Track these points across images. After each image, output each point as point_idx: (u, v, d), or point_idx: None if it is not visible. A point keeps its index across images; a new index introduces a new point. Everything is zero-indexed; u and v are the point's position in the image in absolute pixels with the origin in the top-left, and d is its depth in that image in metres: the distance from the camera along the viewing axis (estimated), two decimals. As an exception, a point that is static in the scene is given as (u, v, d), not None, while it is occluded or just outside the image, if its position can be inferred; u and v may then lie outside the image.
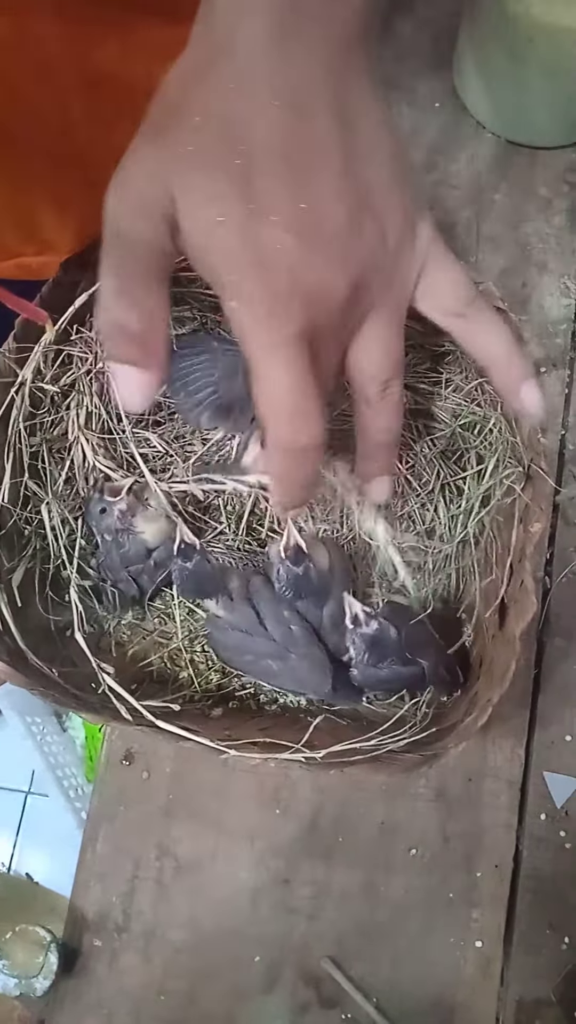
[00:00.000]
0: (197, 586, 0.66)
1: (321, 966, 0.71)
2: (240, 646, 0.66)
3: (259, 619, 0.65)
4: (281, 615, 0.66)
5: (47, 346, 0.62)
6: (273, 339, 0.36)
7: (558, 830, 0.72)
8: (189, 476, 0.70)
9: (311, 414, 0.37)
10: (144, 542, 0.67)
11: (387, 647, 0.64)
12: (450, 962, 0.70)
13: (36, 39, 0.60)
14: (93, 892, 0.74)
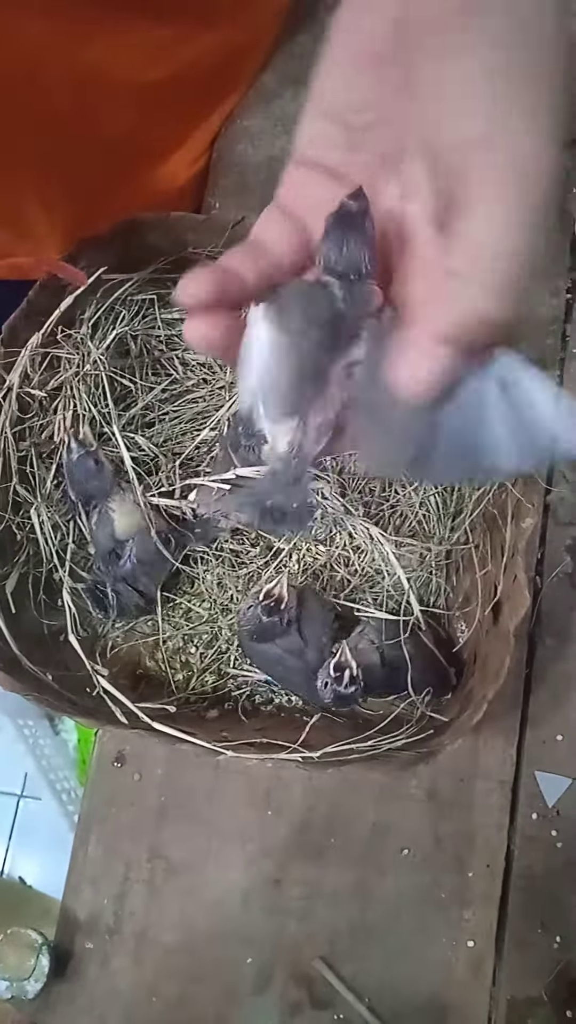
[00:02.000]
0: (262, 636, 0.66)
1: (313, 966, 0.71)
2: (275, 658, 0.66)
3: (304, 644, 0.65)
4: (321, 641, 0.66)
5: (34, 350, 0.62)
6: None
7: (549, 829, 0.72)
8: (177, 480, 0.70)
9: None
10: (113, 528, 0.67)
11: (374, 683, 0.66)
12: (442, 961, 0.70)
13: (23, 39, 0.60)
14: (85, 894, 0.74)
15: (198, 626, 0.73)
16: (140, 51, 0.69)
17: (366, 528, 0.70)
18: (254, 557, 0.73)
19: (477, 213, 0.31)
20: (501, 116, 0.31)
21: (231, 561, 0.74)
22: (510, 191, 0.31)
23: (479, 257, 0.31)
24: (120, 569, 0.68)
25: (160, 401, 0.74)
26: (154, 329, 0.73)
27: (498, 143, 0.31)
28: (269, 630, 0.64)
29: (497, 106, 0.31)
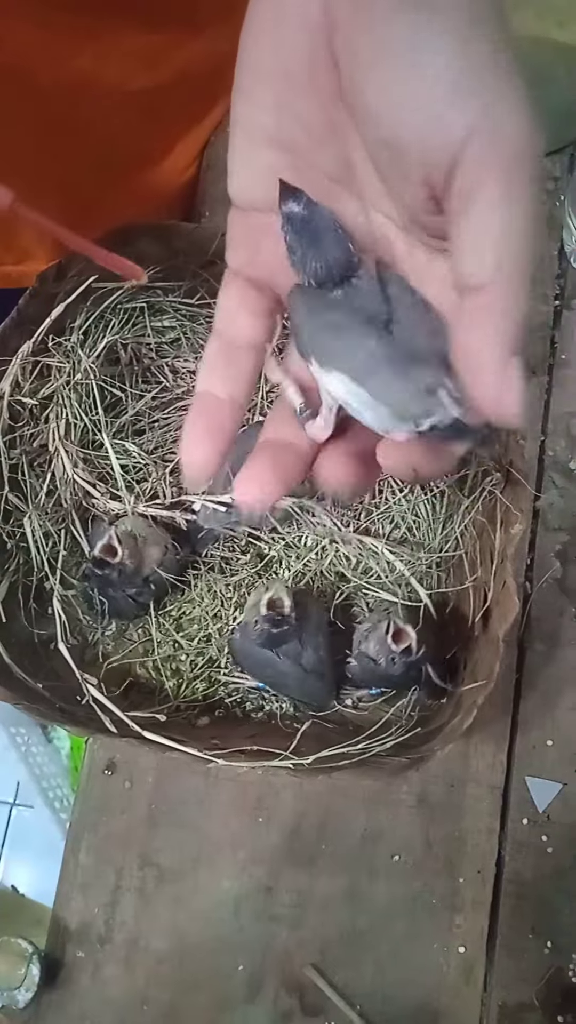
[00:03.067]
0: (275, 643, 0.66)
1: (304, 974, 0.71)
2: (266, 662, 0.67)
3: (301, 648, 0.66)
4: (316, 638, 0.66)
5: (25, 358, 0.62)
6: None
7: (540, 835, 0.72)
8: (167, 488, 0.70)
9: None
10: (140, 572, 0.68)
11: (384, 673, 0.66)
12: (433, 967, 0.70)
13: (13, 46, 0.60)
14: (75, 903, 0.74)
15: (189, 631, 0.73)
16: (130, 58, 0.69)
17: (359, 541, 0.70)
18: (244, 565, 0.73)
19: (473, 213, 0.28)
20: (464, 98, 0.28)
21: (221, 568, 0.74)
22: (499, 182, 0.28)
23: (493, 262, 0.28)
24: (131, 591, 0.69)
25: (150, 408, 0.74)
26: (144, 337, 0.73)
27: (464, 126, 0.28)
28: (278, 638, 0.64)
29: (458, 88, 0.28)
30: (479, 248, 0.28)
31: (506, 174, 0.27)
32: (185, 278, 0.71)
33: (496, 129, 0.27)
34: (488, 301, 0.28)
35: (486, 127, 0.27)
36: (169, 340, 0.74)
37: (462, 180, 0.28)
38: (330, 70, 0.31)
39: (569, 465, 0.80)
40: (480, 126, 0.27)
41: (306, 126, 0.32)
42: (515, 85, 0.28)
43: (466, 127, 0.27)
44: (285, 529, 0.73)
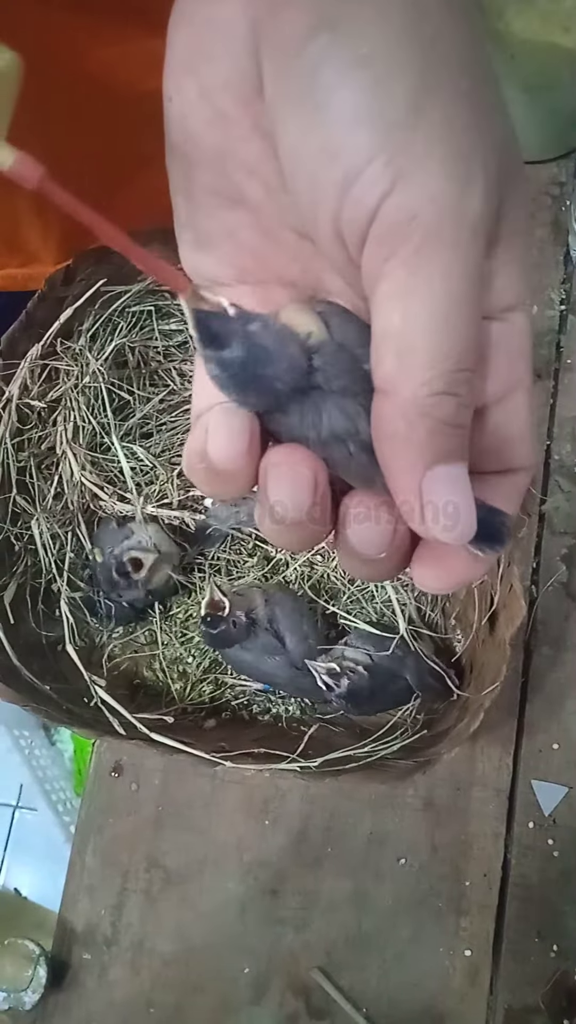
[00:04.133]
0: (219, 644, 0.67)
1: (310, 976, 0.71)
2: (251, 663, 0.67)
3: (281, 643, 0.66)
4: (301, 629, 0.67)
5: (33, 362, 0.62)
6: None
7: (546, 838, 0.72)
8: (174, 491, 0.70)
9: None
10: (147, 589, 0.69)
11: (363, 694, 0.66)
12: (439, 971, 0.70)
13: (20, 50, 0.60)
14: (82, 905, 0.74)
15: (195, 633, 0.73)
16: (138, 61, 0.69)
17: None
18: (251, 568, 0.73)
19: (376, 301, 0.24)
20: (373, 153, 0.22)
21: (228, 570, 0.74)
22: (406, 266, 0.23)
23: (393, 363, 0.24)
24: (128, 593, 0.69)
25: (158, 412, 0.74)
26: (152, 340, 0.73)
27: (374, 192, 0.23)
28: (224, 638, 0.64)
29: (365, 141, 0.23)
30: (378, 346, 0.24)
31: (417, 256, 0.23)
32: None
33: (405, 204, 0.22)
34: (392, 408, 0.24)
35: (396, 200, 0.23)
36: (176, 343, 0.75)
37: (368, 258, 0.24)
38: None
39: (575, 469, 0.80)
40: (392, 195, 0.23)
41: (257, 175, 0.27)
42: (442, 139, 0.23)
43: (377, 193, 0.23)
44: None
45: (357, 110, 0.23)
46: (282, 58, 0.24)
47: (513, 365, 0.27)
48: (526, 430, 0.28)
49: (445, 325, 0.23)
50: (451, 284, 0.23)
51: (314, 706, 0.72)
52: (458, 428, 0.25)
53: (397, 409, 0.24)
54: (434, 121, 0.23)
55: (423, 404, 0.24)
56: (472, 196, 0.23)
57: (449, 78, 0.23)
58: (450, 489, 0.25)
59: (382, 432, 0.25)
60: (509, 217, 0.25)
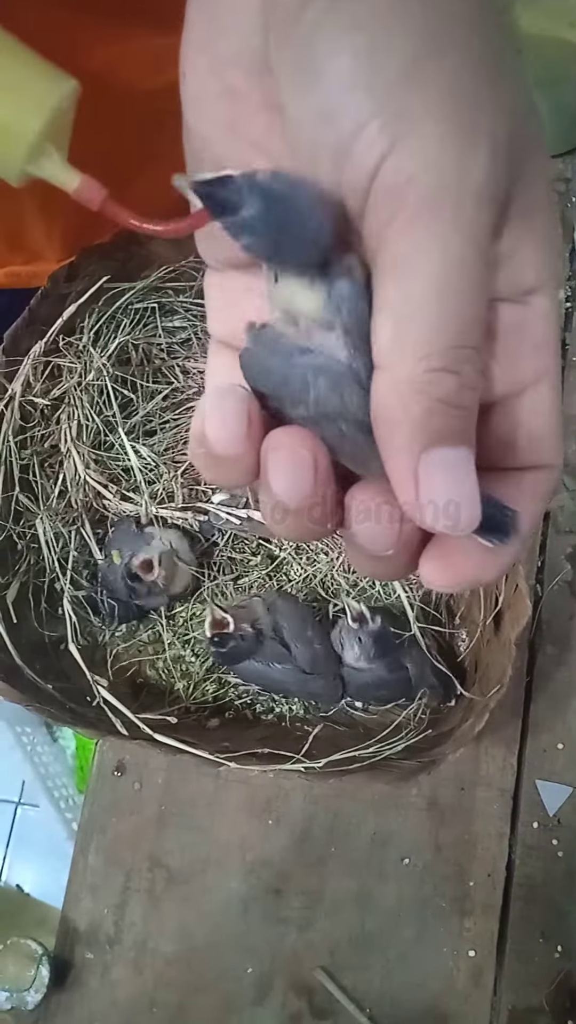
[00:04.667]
0: (230, 661, 0.66)
1: (313, 976, 0.71)
2: (259, 673, 0.67)
3: (288, 651, 0.65)
4: (306, 635, 0.66)
5: (36, 359, 0.62)
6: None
7: (550, 838, 0.72)
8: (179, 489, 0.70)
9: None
10: (169, 595, 0.68)
11: (389, 643, 0.66)
12: (443, 971, 0.70)
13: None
14: (84, 904, 0.74)
15: (198, 632, 0.73)
16: (140, 60, 0.68)
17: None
18: (255, 566, 0.73)
19: (376, 273, 0.23)
20: (367, 119, 0.22)
21: (232, 569, 0.74)
22: (401, 239, 0.22)
23: (388, 339, 0.23)
24: (151, 600, 0.69)
25: (161, 409, 0.74)
26: (155, 337, 0.73)
27: (372, 155, 0.22)
28: (236, 654, 0.64)
29: (361, 106, 0.22)
30: (376, 319, 0.23)
31: (413, 223, 0.22)
32: (196, 279, 0.71)
33: (402, 167, 0.21)
34: (388, 385, 0.23)
35: (390, 170, 0.21)
36: (180, 340, 0.74)
37: (367, 225, 0.23)
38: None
39: (580, 467, 0.80)
40: (389, 158, 0.21)
41: (264, 149, 0.26)
42: (443, 101, 0.22)
43: (374, 157, 0.22)
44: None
45: (353, 74, 0.22)
46: (283, 26, 0.23)
47: (536, 353, 0.26)
48: (552, 425, 0.26)
49: (443, 296, 0.22)
50: (449, 253, 0.22)
51: (318, 706, 0.72)
52: (459, 409, 0.23)
53: (392, 386, 0.23)
54: (434, 82, 0.21)
55: (419, 381, 0.23)
56: (474, 160, 0.21)
57: (452, 39, 0.22)
58: (449, 474, 0.23)
59: (377, 411, 0.24)
60: (526, 191, 0.23)
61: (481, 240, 0.22)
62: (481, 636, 0.67)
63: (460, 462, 0.23)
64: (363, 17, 0.22)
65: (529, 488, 0.27)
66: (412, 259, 0.22)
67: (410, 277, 0.22)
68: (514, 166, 0.23)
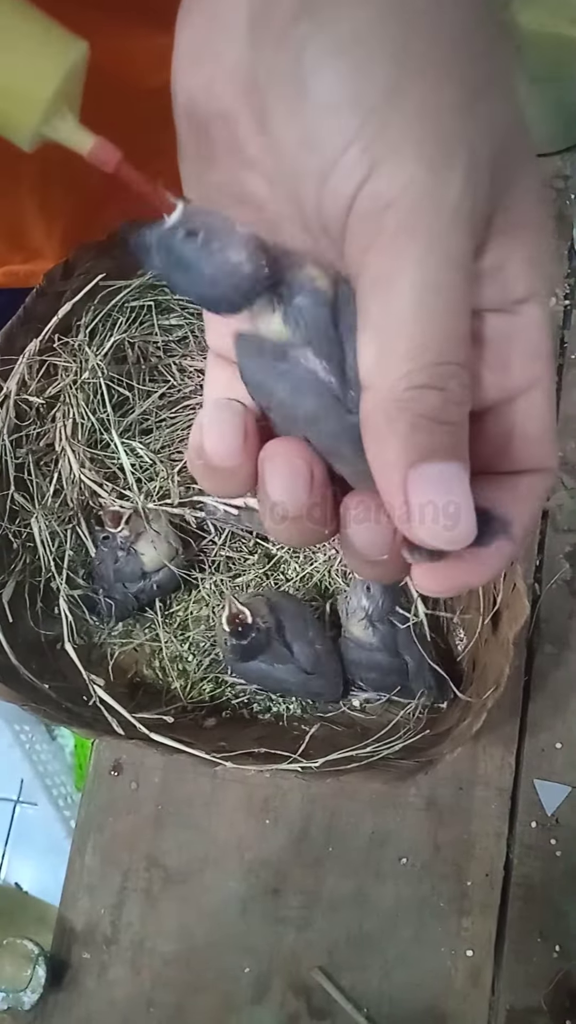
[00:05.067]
0: (250, 655, 0.65)
1: (311, 976, 0.71)
2: (263, 673, 0.66)
3: (290, 650, 0.65)
4: (307, 635, 0.66)
5: (31, 357, 0.61)
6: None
7: (549, 838, 0.72)
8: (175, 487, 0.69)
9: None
10: (141, 564, 0.67)
11: (397, 610, 0.66)
12: (441, 971, 0.70)
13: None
14: (81, 904, 0.73)
15: (195, 632, 0.73)
16: (141, 58, 0.68)
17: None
18: (252, 565, 0.73)
19: (358, 295, 0.24)
20: (349, 142, 0.22)
21: (228, 567, 0.74)
22: (382, 259, 0.22)
23: (371, 360, 0.23)
24: (134, 588, 0.69)
25: (157, 408, 0.73)
26: (151, 335, 0.72)
27: (351, 180, 0.22)
28: (253, 648, 0.63)
29: (343, 128, 0.22)
30: (360, 339, 0.24)
31: (392, 245, 0.22)
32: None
33: (380, 192, 0.22)
34: (373, 403, 0.24)
35: (371, 188, 0.22)
36: (177, 338, 0.74)
37: (348, 249, 0.23)
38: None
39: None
40: (367, 183, 0.22)
41: (257, 167, 0.26)
42: (422, 124, 0.22)
43: (353, 182, 0.22)
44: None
45: (336, 97, 0.22)
46: (269, 49, 0.23)
47: (529, 361, 0.26)
48: (545, 431, 0.27)
49: (423, 315, 0.22)
50: (427, 273, 0.22)
51: (316, 705, 0.72)
52: (446, 425, 0.23)
53: (377, 404, 0.23)
54: (414, 106, 0.22)
55: (402, 398, 0.23)
56: (450, 181, 0.22)
57: (435, 55, 0.22)
58: (437, 488, 0.23)
59: (366, 428, 0.24)
60: (512, 205, 0.24)
61: (459, 258, 0.23)
62: (479, 635, 0.66)
63: (450, 476, 0.23)
64: (347, 40, 0.22)
65: (524, 492, 0.27)
66: (392, 280, 0.22)
67: (391, 298, 0.22)
68: (497, 183, 0.23)
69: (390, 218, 0.22)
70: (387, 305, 0.23)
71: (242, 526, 0.71)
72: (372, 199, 0.22)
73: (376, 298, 0.23)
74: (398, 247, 0.22)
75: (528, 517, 0.27)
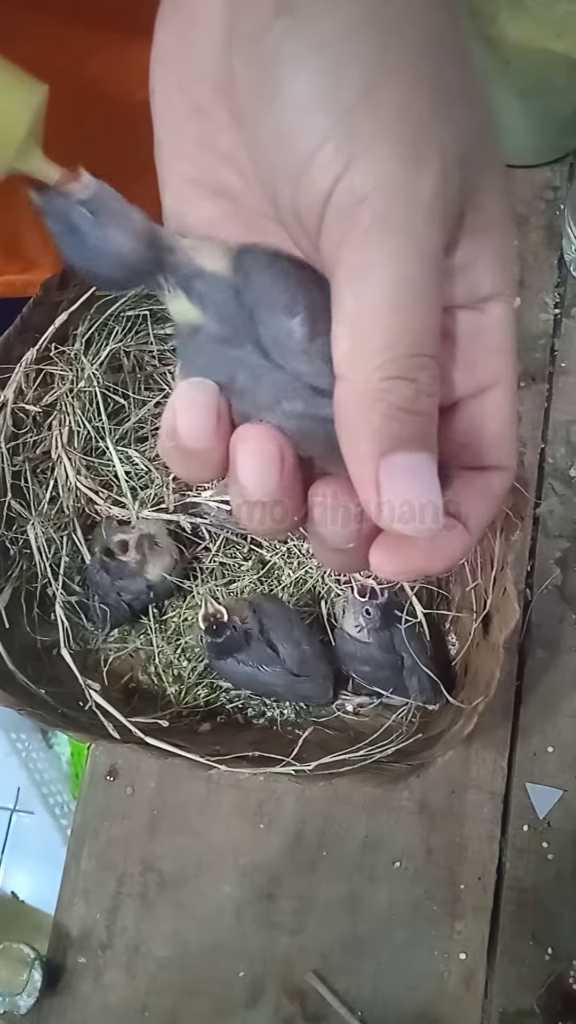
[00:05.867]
0: (225, 653, 0.66)
1: (305, 980, 0.71)
2: (249, 675, 0.67)
3: (275, 652, 0.66)
4: (293, 636, 0.67)
5: (28, 366, 0.62)
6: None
7: (541, 841, 0.72)
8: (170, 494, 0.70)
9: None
10: (145, 578, 0.68)
11: (394, 614, 0.66)
12: (434, 974, 0.70)
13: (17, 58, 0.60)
14: (77, 909, 0.74)
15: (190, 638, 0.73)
16: (135, 70, 0.69)
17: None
18: (246, 572, 0.74)
19: (333, 286, 0.24)
20: (326, 139, 0.22)
21: (223, 573, 0.75)
22: (357, 252, 0.23)
23: (347, 350, 0.24)
24: (128, 597, 0.70)
25: (153, 416, 0.74)
26: (147, 344, 0.73)
27: (327, 175, 0.23)
28: (227, 646, 0.64)
29: (319, 125, 0.23)
30: (335, 331, 0.24)
31: (366, 239, 0.23)
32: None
33: (355, 187, 0.22)
34: (347, 393, 0.24)
35: (343, 188, 0.23)
36: (172, 347, 0.75)
37: (324, 243, 0.24)
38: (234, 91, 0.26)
39: (569, 472, 0.80)
40: (343, 179, 0.22)
41: (233, 163, 0.27)
42: (396, 124, 0.22)
43: (328, 178, 0.23)
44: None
45: (311, 95, 0.23)
46: (247, 45, 0.24)
47: (492, 358, 0.27)
48: (506, 429, 0.28)
49: (397, 308, 0.23)
50: (401, 267, 0.23)
51: (309, 709, 0.73)
52: (417, 415, 0.24)
53: (352, 395, 0.24)
54: (387, 104, 0.22)
55: (377, 389, 0.24)
56: (424, 179, 0.23)
57: (409, 61, 0.23)
58: (409, 478, 0.24)
59: (340, 417, 0.25)
60: (481, 205, 0.25)
61: (431, 254, 0.23)
62: (471, 640, 0.67)
63: (420, 466, 0.24)
64: (323, 40, 0.22)
65: (482, 488, 0.28)
66: (366, 274, 0.23)
67: (365, 291, 0.23)
68: (467, 183, 0.24)
69: (365, 212, 0.22)
70: (361, 298, 0.23)
71: (238, 529, 0.71)
72: (347, 194, 0.23)
73: (351, 291, 0.23)
74: (372, 241, 0.23)
75: (487, 513, 0.28)
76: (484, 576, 0.66)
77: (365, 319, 0.23)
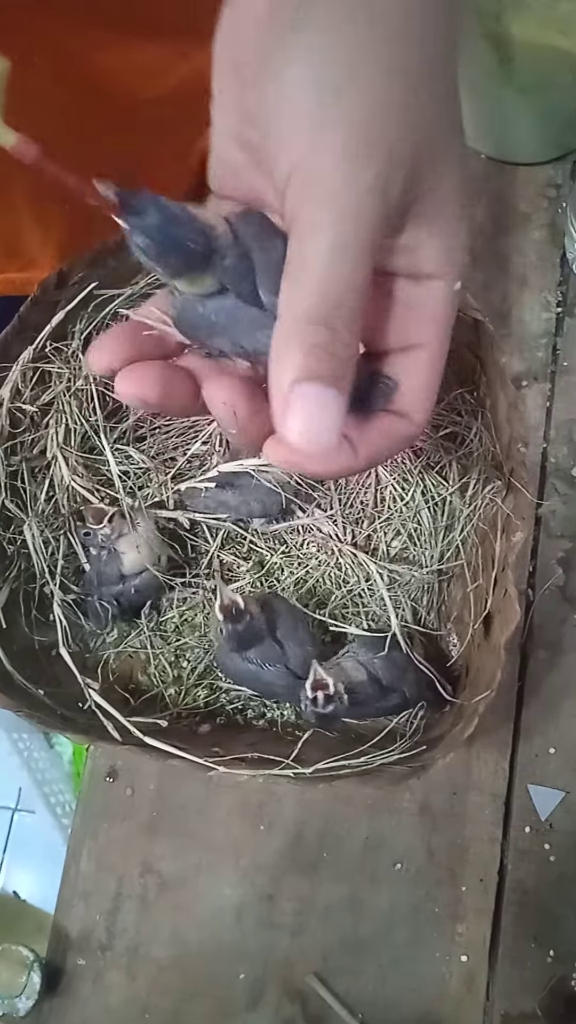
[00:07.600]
0: (245, 643, 0.64)
1: (306, 982, 0.71)
2: (253, 673, 0.66)
3: (282, 650, 0.65)
4: (298, 635, 0.66)
5: (25, 365, 0.62)
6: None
7: (543, 843, 0.72)
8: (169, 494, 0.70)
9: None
10: (120, 565, 0.67)
11: (366, 702, 0.64)
12: (435, 977, 0.70)
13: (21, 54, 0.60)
14: (77, 910, 0.74)
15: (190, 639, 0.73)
16: (138, 69, 0.69)
17: (353, 554, 0.70)
18: (245, 572, 0.73)
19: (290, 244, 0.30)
20: (299, 125, 0.29)
21: (222, 574, 0.74)
22: (301, 221, 0.29)
23: (285, 296, 0.30)
24: (113, 590, 0.69)
25: (151, 415, 0.74)
26: (146, 343, 0.73)
27: (288, 160, 0.29)
28: (249, 635, 0.63)
29: (299, 113, 0.29)
30: (282, 282, 0.30)
31: (317, 209, 0.28)
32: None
33: (311, 168, 0.28)
34: (280, 328, 0.29)
35: (305, 165, 0.28)
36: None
37: (287, 205, 0.30)
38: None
39: (571, 472, 0.80)
40: (307, 157, 0.28)
41: (256, 122, 0.31)
42: (357, 117, 0.28)
43: (289, 162, 0.29)
44: (288, 535, 0.73)
45: (296, 90, 0.28)
46: (272, 28, 0.29)
47: (424, 325, 0.33)
48: (421, 385, 0.33)
49: (329, 266, 0.28)
50: (339, 236, 0.28)
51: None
52: (332, 356, 0.29)
53: (282, 331, 0.29)
54: (353, 102, 0.28)
55: (301, 327, 0.29)
56: (367, 168, 0.28)
57: (376, 63, 0.28)
58: (313, 404, 0.29)
59: (272, 349, 0.30)
60: (431, 194, 0.30)
61: (366, 229, 0.28)
62: (471, 640, 0.67)
63: (326, 397, 0.29)
64: (324, 40, 0.28)
65: (384, 428, 0.33)
66: (310, 236, 0.29)
67: (308, 249, 0.29)
68: (416, 172, 0.29)
69: (318, 189, 0.28)
70: (304, 255, 0.29)
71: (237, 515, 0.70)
72: (306, 174, 0.28)
73: (297, 248, 0.29)
74: (320, 211, 0.28)
75: (380, 448, 0.33)
76: (485, 577, 0.65)
77: (303, 271, 0.29)
